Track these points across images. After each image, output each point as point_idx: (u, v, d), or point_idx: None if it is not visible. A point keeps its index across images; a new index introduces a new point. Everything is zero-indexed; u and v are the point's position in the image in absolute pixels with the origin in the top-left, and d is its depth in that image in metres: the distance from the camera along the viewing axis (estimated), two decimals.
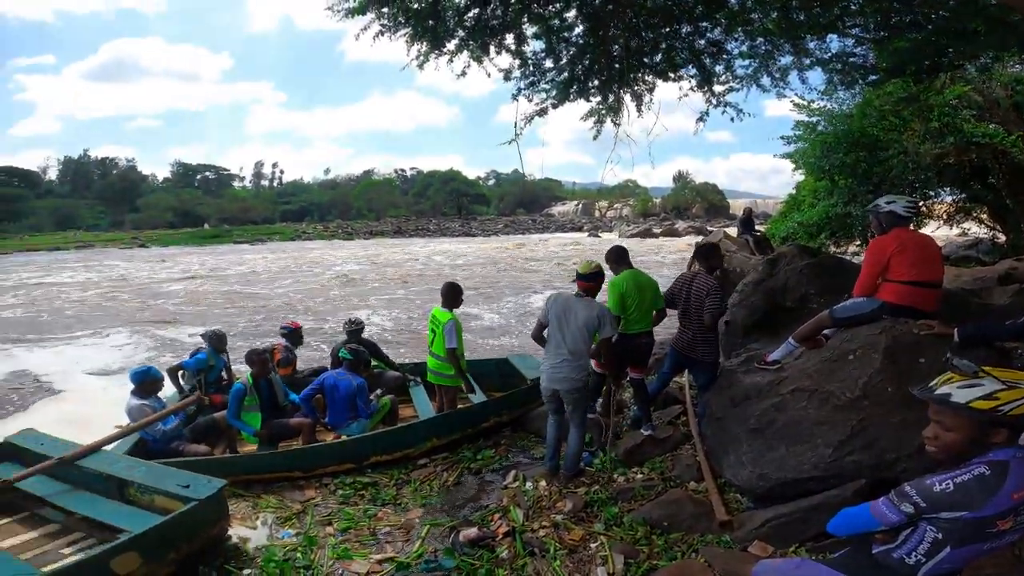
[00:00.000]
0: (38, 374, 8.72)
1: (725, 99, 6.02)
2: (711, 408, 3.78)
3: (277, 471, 4.25)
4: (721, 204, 66.25)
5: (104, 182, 68.50)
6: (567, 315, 3.62)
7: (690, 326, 3.95)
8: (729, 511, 3.14)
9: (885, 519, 1.60)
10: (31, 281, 22.08)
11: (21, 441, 3.94)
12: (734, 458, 3.32)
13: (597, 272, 3.74)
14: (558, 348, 3.63)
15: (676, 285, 4.10)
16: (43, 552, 3.15)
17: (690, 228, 43.07)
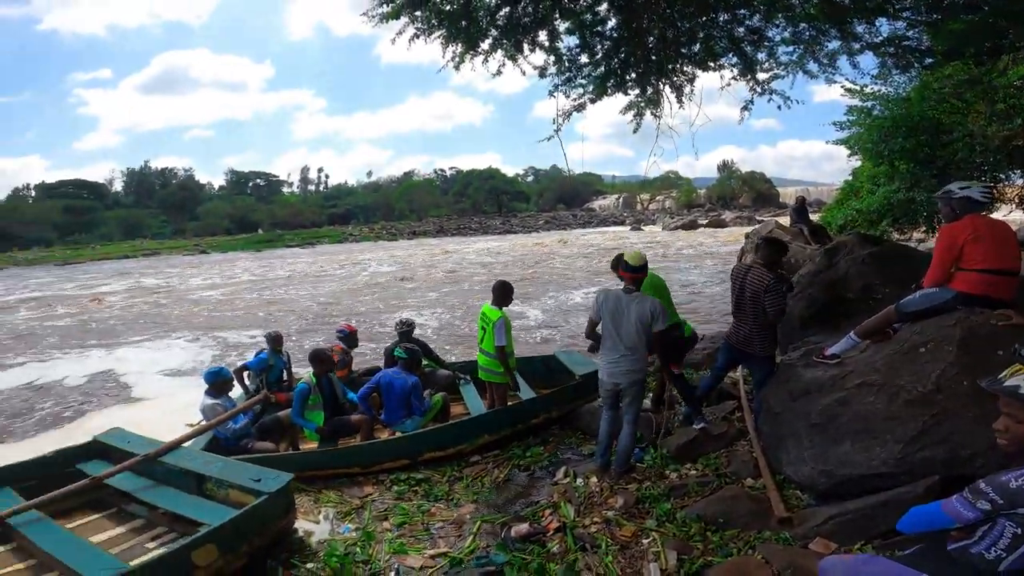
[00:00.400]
0: (118, 374, 9.40)
1: (770, 87, 5.82)
2: (768, 403, 3.68)
3: (337, 467, 4.40)
4: (770, 193, 63.63)
5: (165, 192, 72.50)
6: (620, 312, 3.61)
7: (745, 320, 3.82)
8: (788, 508, 3.06)
9: (960, 517, 1.57)
10: (105, 288, 23.74)
11: (109, 439, 4.14)
12: (794, 454, 3.23)
13: (644, 265, 3.70)
14: (615, 344, 3.64)
15: (732, 282, 3.98)
16: (130, 547, 3.32)
17: (738, 218, 41.58)
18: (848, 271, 5.04)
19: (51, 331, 13.99)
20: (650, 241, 31.22)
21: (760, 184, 64.52)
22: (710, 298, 13.15)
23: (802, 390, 3.41)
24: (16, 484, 3.65)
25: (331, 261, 30.14)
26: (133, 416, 6.88)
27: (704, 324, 9.35)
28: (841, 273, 5.12)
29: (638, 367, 3.65)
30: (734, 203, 61.15)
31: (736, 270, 3.97)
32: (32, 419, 7.38)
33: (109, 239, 55.91)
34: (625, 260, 3.68)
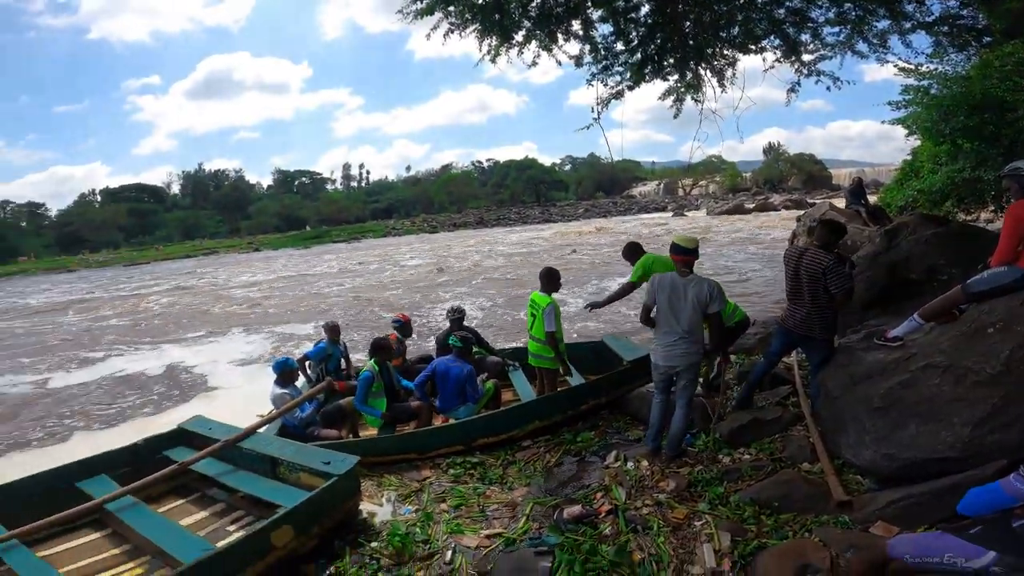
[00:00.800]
0: (191, 366, 10.06)
1: (816, 68, 5.60)
2: (827, 387, 3.61)
3: (396, 453, 4.57)
4: (821, 174, 60.64)
5: (219, 193, 76.06)
6: (676, 295, 3.60)
7: (802, 304, 3.75)
8: (848, 492, 3.02)
9: (1020, 494, 1.62)
10: (170, 286, 25.26)
11: (192, 426, 4.36)
12: (854, 438, 3.18)
13: (696, 247, 3.68)
14: (672, 328, 3.64)
15: (785, 265, 3.91)
16: (213, 529, 3.51)
17: (788, 201, 39.79)
18: (911, 252, 4.85)
19: (129, 327, 15.07)
20: (693, 226, 30.45)
21: (810, 166, 61.65)
22: (761, 283, 12.78)
23: (864, 373, 3.34)
24: (110, 471, 3.88)
25: (376, 255, 30.91)
26: (208, 404, 7.41)
27: (756, 309, 9.15)
28: (903, 254, 4.93)
29: (695, 350, 3.65)
30: (783, 186, 58.73)
31: (790, 253, 3.90)
32: (119, 408, 8.01)
33: (170, 240, 59.26)
34: (676, 243, 3.66)
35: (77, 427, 7.35)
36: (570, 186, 77.32)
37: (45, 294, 27.09)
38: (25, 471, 3.84)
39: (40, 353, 12.38)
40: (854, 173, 46.10)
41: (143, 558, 3.23)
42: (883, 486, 3.00)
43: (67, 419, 7.70)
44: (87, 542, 3.43)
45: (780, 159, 65.39)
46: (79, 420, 7.62)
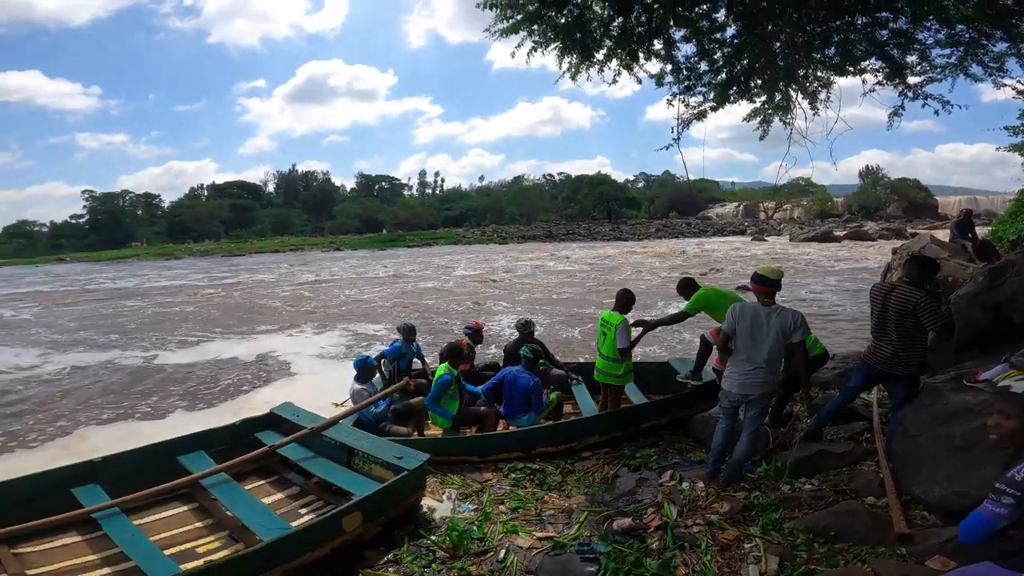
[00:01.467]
0: (277, 355, 10.91)
1: (923, 91, 5.22)
2: (905, 425, 3.53)
3: (460, 453, 4.78)
4: (926, 202, 55.44)
5: (307, 193, 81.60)
6: (758, 325, 3.59)
7: (889, 341, 3.66)
8: (910, 525, 2.95)
9: (993, 514, 1.87)
10: (266, 278, 27.37)
11: (281, 412, 4.63)
12: (927, 475, 3.12)
13: (780, 279, 3.67)
14: (751, 357, 3.63)
15: (872, 302, 3.81)
16: (287, 511, 3.73)
17: (884, 231, 36.67)
18: (1016, 292, 4.47)
19: (226, 313, 16.59)
20: (773, 254, 28.96)
21: (913, 192, 56.48)
22: (844, 317, 12.05)
23: (948, 413, 3.27)
24: (208, 448, 4.17)
25: (450, 261, 31.90)
26: (292, 391, 7.99)
27: (834, 344, 8.67)
28: (1007, 294, 4.56)
29: (771, 380, 3.66)
30: (880, 213, 54.27)
31: (877, 289, 3.83)
32: (216, 389, 8.86)
33: (263, 235, 64.13)
34: (760, 274, 3.65)
35: (180, 403, 8.19)
36: (643, 204, 75.91)
37: (160, 278, 30.14)
38: (131, 443, 4.24)
39: (153, 331, 13.89)
40: (963, 202, 41.86)
41: (222, 533, 3.47)
42: (950, 522, 2.90)
43: (171, 396, 8.60)
44: (177, 514, 3.71)
45: (878, 183, 60.59)
46: (181, 397, 8.50)
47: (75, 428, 7.19)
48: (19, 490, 3.47)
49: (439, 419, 5.11)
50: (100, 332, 14.15)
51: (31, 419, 7.56)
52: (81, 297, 22.46)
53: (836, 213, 57.56)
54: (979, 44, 4.91)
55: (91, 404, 8.19)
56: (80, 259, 48.17)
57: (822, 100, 5.65)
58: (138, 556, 2.99)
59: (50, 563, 3.16)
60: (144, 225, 68.43)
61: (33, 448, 6.61)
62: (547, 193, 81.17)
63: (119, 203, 71.70)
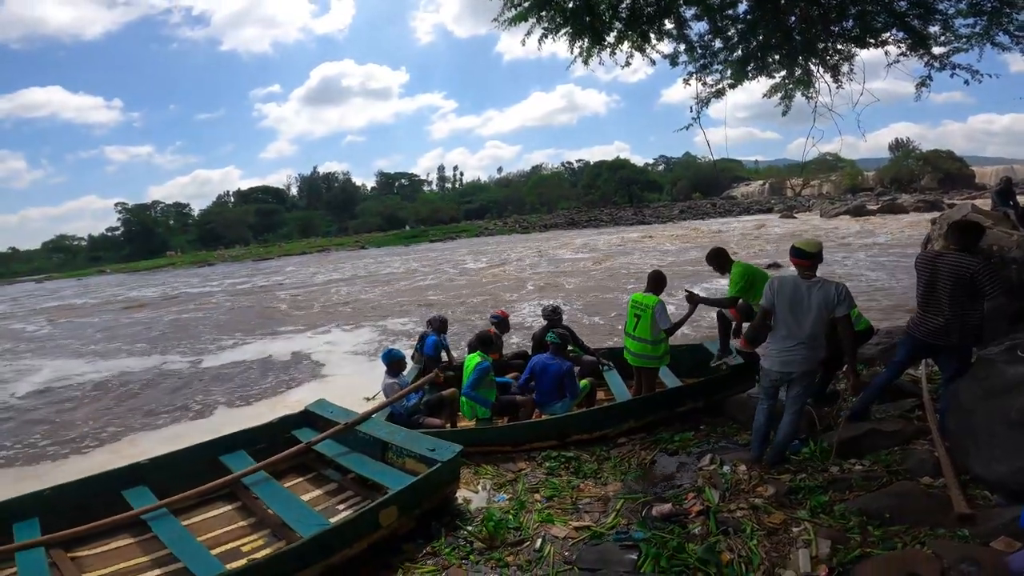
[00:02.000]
0: (311, 353, 11.16)
1: (950, 61, 4.97)
2: (959, 400, 3.36)
3: (494, 444, 4.76)
4: (961, 172, 53.27)
5: (330, 194, 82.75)
6: (798, 299, 3.45)
7: (938, 312, 3.48)
8: (971, 505, 2.82)
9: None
10: (295, 280, 27.96)
11: (316, 408, 4.65)
12: (986, 453, 2.97)
13: (820, 250, 3.51)
14: (792, 333, 3.49)
15: (918, 273, 3.63)
16: (325, 507, 3.74)
17: (920, 202, 35.29)
18: None
19: (261, 315, 17.02)
20: (803, 230, 28.14)
21: (947, 163, 54.34)
22: (884, 291, 11.64)
23: (1003, 387, 3.09)
24: (248, 447, 4.23)
25: (473, 253, 31.99)
26: (326, 388, 8.18)
27: (877, 318, 8.40)
28: None
29: (815, 356, 3.51)
30: (913, 185, 52.29)
31: (924, 258, 3.63)
32: (254, 389, 9.10)
33: (289, 238, 65.52)
34: (797, 247, 3.52)
35: (220, 402, 8.48)
36: (664, 187, 74.63)
37: (197, 284, 31.09)
38: (176, 445, 4.34)
39: (194, 337, 14.36)
40: (1001, 171, 39.85)
41: (264, 531, 3.50)
42: (1013, 502, 2.77)
43: (213, 395, 8.91)
44: (222, 513, 3.75)
45: (910, 156, 58.33)
46: (221, 397, 8.78)
47: (124, 434, 7.46)
48: (72, 494, 3.56)
49: (480, 408, 5.07)
50: (143, 340, 14.69)
51: (84, 426, 7.88)
52: (128, 306, 23.34)
53: (867, 187, 55.63)
54: (1002, 12, 4.66)
55: (139, 409, 8.50)
56: (119, 270, 50.04)
57: (845, 73, 5.44)
58: (186, 556, 3.05)
59: (105, 566, 3.23)
60: (177, 234, 70.62)
61: (86, 453, 6.89)
62: (566, 181, 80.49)
63: (151, 214, 74.13)
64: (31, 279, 50.23)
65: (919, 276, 3.60)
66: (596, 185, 73.00)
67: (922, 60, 5.08)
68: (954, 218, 9.50)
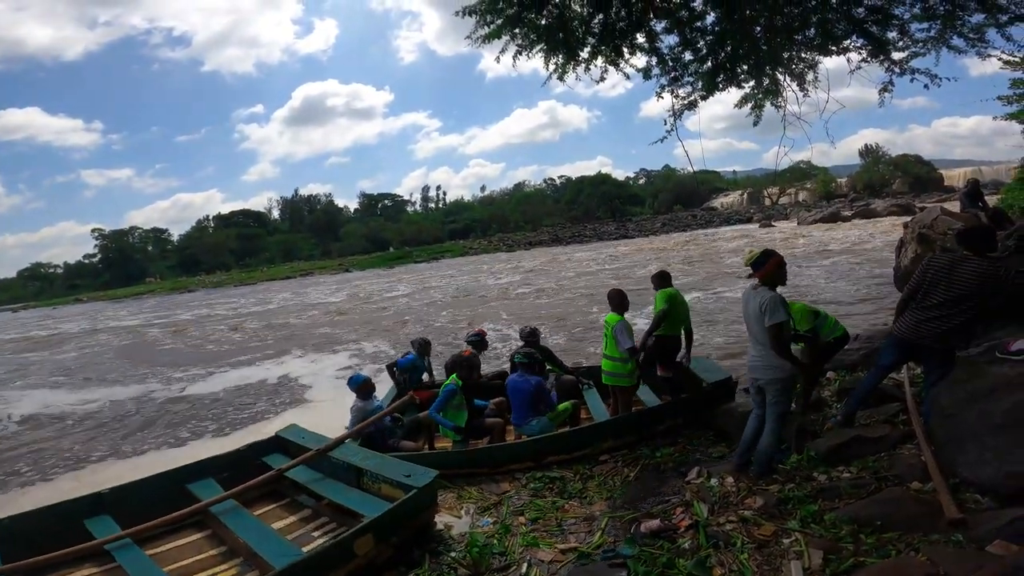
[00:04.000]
0: (288, 379, 10.90)
1: (909, 66, 5.16)
2: (940, 404, 3.35)
3: (470, 466, 4.67)
4: (930, 176, 54.85)
5: (312, 217, 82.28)
6: (747, 309, 3.59)
7: (946, 315, 3.43)
8: (962, 510, 2.77)
9: None
10: (281, 306, 27.54)
11: (288, 434, 4.58)
12: (974, 456, 2.94)
13: (759, 260, 3.53)
14: (752, 340, 3.63)
15: (925, 274, 3.57)
16: (300, 535, 3.65)
17: (893, 207, 36.23)
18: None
19: (239, 343, 16.66)
20: (781, 239, 28.62)
21: (916, 167, 55.89)
22: (861, 296, 11.78)
23: (986, 389, 3.10)
24: (216, 475, 4.14)
25: (458, 272, 31.92)
26: (300, 415, 7.95)
27: (855, 323, 8.48)
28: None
29: (776, 364, 3.48)
30: (885, 190, 53.74)
31: (936, 262, 3.57)
32: (228, 415, 8.84)
33: (272, 262, 64.80)
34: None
35: (197, 431, 8.20)
36: (646, 200, 75.65)
37: (175, 313, 30.47)
38: (147, 471, 4.26)
39: (177, 364, 13.95)
40: (969, 173, 41.19)
41: (236, 560, 3.40)
42: (1004, 505, 2.74)
43: (190, 423, 8.62)
44: (190, 542, 3.65)
45: (880, 162, 60.02)
46: (195, 425, 8.49)
47: (90, 462, 7.21)
48: (33, 523, 3.46)
49: (446, 431, 4.99)
50: (114, 369, 14.26)
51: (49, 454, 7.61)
52: (94, 337, 22.71)
53: (841, 194, 56.93)
54: (955, 16, 4.85)
55: (107, 437, 8.22)
56: (97, 298, 48.94)
57: (810, 81, 5.64)
58: None
59: None
60: (156, 260, 69.51)
61: (49, 481, 6.65)
62: (549, 197, 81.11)
63: (129, 239, 72.88)
64: (7, 308, 48.87)
65: (929, 278, 3.52)
66: (579, 200, 73.73)
67: (883, 66, 5.26)
68: (924, 221, 9.73)
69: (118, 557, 3.25)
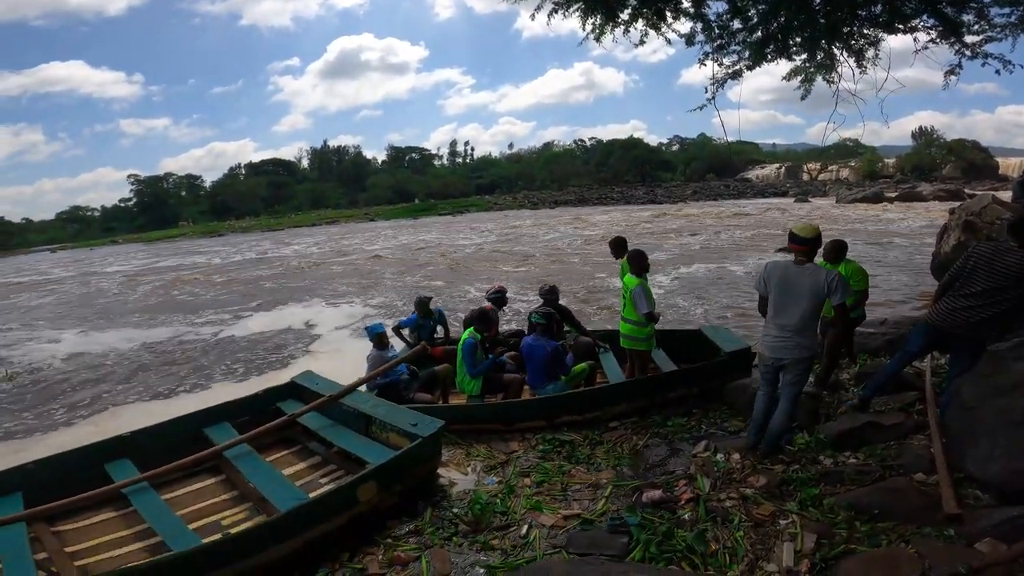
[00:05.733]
0: (310, 326, 11.23)
1: (982, 50, 4.79)
2: (961, 396, 3.27)
3: (482, 421, 4.73)
4: (985, 163, 51.76)
5: (340, 167, 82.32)
6: (789, 285, 3.38)
7: (985, 306, 3.33)
8: (961, 505, 2.76)
9: None
10: (301, 252, 27.97)
11: (302, 380, 4.63)
12: (984, 451, 2.90)
13: (817, 236, 3.41)
14: (782, 319, 3.42)
15: (968, 261, 3.46)
16: (309, 481, 3.76)
17: (940, 191, 34.37)
18: None
19: (268, 287, 17.13)
20: (815, 215, 27.61)
21: (972, 153, 52.78)
22: (891, 281, 11.42)
23: (1010, 384, 3.02)
24: (232, 419, 4.20)
25: (489, 229, 31.79)
26: (317, 362, 8.17)
27: (885, 308, 8.28)
28: None
29: (806, 344, 3.42)
30: (935, 174, 51.00)
31: (979, 250, 3.46)
32: (248, 361, 9.17)
33: (300, 209, 65.40)
34: (793, 232, 3.44)
35: (216, 376, 8.50)
36: (678, 167, 73.40)
37: (211, 254, 31.22)
38: (165, 415, 4.34)
39: (203, 309, 14.39)
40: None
41: (246, 504, 3.51)
42: (1003, 503, 2.72)
43: (223, 364, 8.99)
44: (204, 486, 3.76)
45: (933, 144, 56.76)
46: (218, 370, 8.81)
47: (108, 406, 7.48)
48: (56, 467, 3.56)
49: (468, 383, 5.03)
50: (146, 311, 14.81)
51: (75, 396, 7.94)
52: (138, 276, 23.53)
53: (887, 174, 54.28)
54: None
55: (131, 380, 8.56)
56: (131, 240, 50.38)
57: (870, 59, 5.25)
58: (164, 530, 3.05)
59: (86, 540, 3.25)
60: (188, 205, 70.73)
61: (72, 426, 6.89)
62: (579, 158, 79.29)
63: (163, 185, 74.19)
64: (45, 248, 50.81)
65: (970, 266, 3.41)
66: (608, 163, 71.95)
67: (952, 48, 4.90)
68: (973, 209, 9.24)
69: (134, 501, 3.35)
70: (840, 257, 4.55)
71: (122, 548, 3.18)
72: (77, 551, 3.16)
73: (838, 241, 4.65)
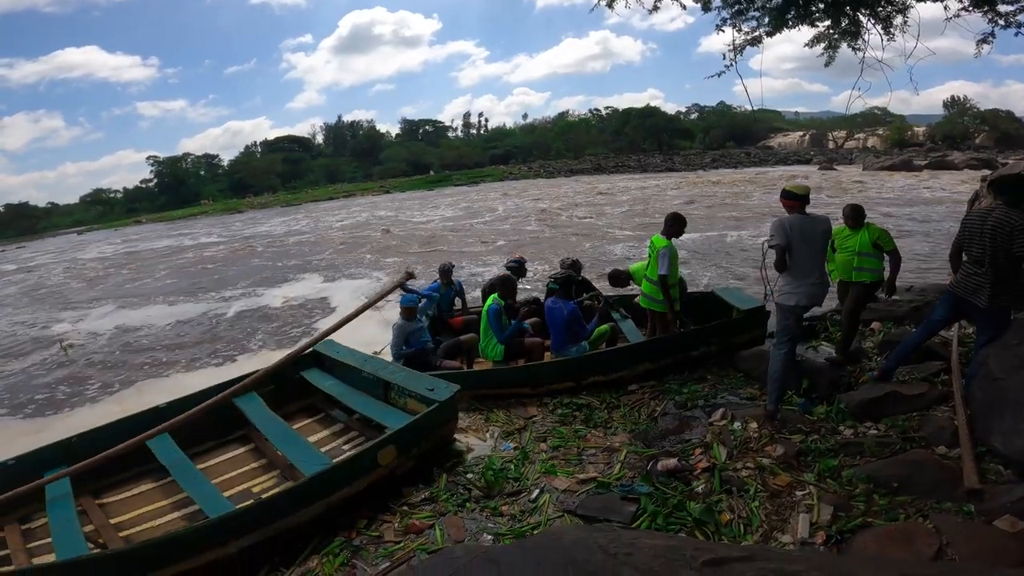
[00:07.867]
0: (327, 296, 11.46)
1: (1016, 19, 4.53)
2: (989, 366, 3.18)
3: (511, 385, 4.77)
4: (1020, 134, 49.45)
5: (355, 142, 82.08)
6: (809, 234, 3.51)
7: (984, 271, 3.29)
8: (982, 480, 2.70)
9: None
10: (320, 225, 28.18)
11: (324, 349, 4.68)
12: (1010, 425, 2.82)
13: (808, 194, 3.67)
14: (812, 268, 3.58)
15: (964, 229, 3.44)
16: (331, 448, 3.87)
17: (973, 160, 32.95)
18: None
19: (295, 261, 17.40)
20: (839, 182, 26.78)
21: (1006, 123, 50.70)
22: (923, 247, 11.13)
23: None
24: (259, 389, 4.24)
25: (509, 197, 31.58)
26: None
27: (913, 274, 8.09)
28: None
29: (828, 282, 3.65)
30: (966, 143, 48.91)
31: (974, 216, 3.43)
32: (273, 331, 9.47)
33: (316, 184, 65.64)
34: (788, 189, 3.67)
35: (249, 347, 8.81)
36: (696, 135, 71.44)
37: (237, 228, 31.60)
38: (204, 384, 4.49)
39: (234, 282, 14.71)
40: None
41: (275, 471, 3.63)
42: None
43: (244, 339, 9.24)
44: (237, 455, 3.91)
45: (966, 114, 54.29)
46: (247, 341, 9.10)
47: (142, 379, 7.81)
48: (98, 441, 3.65)
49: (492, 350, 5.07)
50: (178, 286, 15.14)
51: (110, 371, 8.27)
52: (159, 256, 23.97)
53: (916, 143, 52.17)
54: None
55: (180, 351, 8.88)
56: (154, 219, 51.19)
57: (898, 26, 4.99)
58: (200, 499, 3.15)
59: (129, 511, 3.40)
60: (208, 184, 71.46)
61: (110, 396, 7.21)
62: (594, 127, 77.63)
63: (182, 165, 74.85)
64: (72, 231, 51.89)
65: (967, 233, 3.39)
66: (625, 132, 70.32)
67: (986, 17, 4.66)
68: (1007, 175, 8.88)
69: (173, 472, 3.42)
70: (860, 221, 4.54)
71: (163, 518, 3.32)
72: (121, 522, 3.30)
73: (856, 205, 4.65)
